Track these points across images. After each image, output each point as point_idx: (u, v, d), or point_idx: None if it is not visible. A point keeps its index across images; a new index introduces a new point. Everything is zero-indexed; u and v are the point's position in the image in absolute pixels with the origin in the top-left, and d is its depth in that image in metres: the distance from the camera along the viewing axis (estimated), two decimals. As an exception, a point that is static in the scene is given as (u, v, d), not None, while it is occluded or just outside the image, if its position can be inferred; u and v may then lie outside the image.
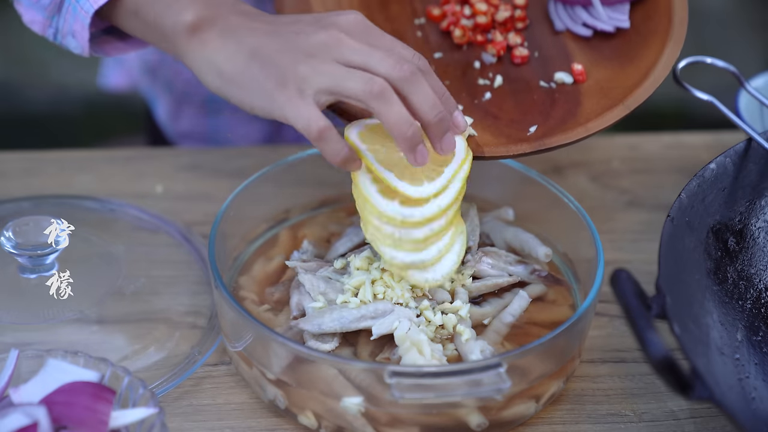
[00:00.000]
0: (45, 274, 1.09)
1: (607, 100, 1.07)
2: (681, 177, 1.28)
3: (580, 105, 1.08)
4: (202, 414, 1.03)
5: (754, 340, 1.02)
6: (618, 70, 1.10)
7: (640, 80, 1.08)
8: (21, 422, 0.88)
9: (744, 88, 1.13)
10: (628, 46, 1.12)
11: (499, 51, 1.13)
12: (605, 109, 1.07)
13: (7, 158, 1.31)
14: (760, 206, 1.07)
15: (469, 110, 1.09)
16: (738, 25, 2.90)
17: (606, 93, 1.08)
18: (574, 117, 1.07)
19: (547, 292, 1.07)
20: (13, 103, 2.67)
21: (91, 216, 1.18)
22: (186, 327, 1.08)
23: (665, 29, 1.11)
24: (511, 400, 0.98)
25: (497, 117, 1.08)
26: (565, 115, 1.07)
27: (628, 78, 1.09)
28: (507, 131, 1.07)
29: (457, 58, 1.14)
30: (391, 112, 0.94)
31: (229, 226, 1.08)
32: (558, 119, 1.07)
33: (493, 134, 1.07)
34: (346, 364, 0.96)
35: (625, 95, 1.07)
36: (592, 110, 1.07)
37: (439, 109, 0.96)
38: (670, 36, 1.10)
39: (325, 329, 1.00)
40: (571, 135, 1.05)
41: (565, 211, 1.09)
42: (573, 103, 1.08)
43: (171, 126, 1.45)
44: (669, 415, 1.03)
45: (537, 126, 1.07)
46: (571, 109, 1.08)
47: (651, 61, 1.09)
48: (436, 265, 0.99)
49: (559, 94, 1.09)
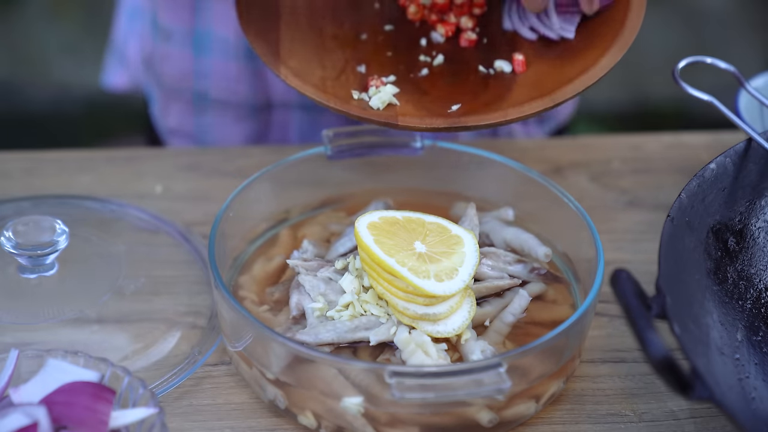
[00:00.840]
0: (45, 274, 1.09)
1: (537, 91, 1.09)
2: (681, 177, 1.28)
3: (510, 92, 1.09)
4: (202, 414, 1.03)
5: (754, 340, 1.02)
6: (558, 66, 1.12)
7: (573, 78, 1.09)
8: (21, 422, 0.88)
9: (744, 88, 1.13)
10: (575, 46, 1.13)
11: (448, 32, 1.16)
12: (531, 99, 1.08)
13: (7, 158, 1.31)
14: (760, 206, 1.07)
15: (401, 82, 1.11)
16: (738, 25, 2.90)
17: (539, 85, 1.10)
18: (498, 102, 1.09)
19: (547, 291, 1.07)
20: (13, 102, 2.68)
21: (91, 216, 1.18)
22: (186, 327, 1.08)
23: (614, 34, 1.12)
24: (511, 400, 0.98)
25: (426, 93, 1.11)
26: (491, 100, 1.09)
27: (564, 74, 1.10)
28: (429, 106, 1.09)
29: (407, 32, 1.17)
30: None
31: (229, 226, 1.08)
32: (483, 103, 1.09)
33: (415, 107, 1.09)
34: (346, 364, 0.96)
35: (554, 89, 1.08)
36: (518, 99, 1.09)
37: None
38: (616, 41, 1.11)
39: (322, 339, 0.99)
40: (487, 117, 1.07)
41: (565, 211, 1.09)
42: (504, 90, 1.10)
43: (161, 121, 1.45)
44: (669, 415, 1.03)
45: (460, 105, 1.09)
46: (499, 95, 1.09)
47: (591, 61, 1.10)
48: (446, 319, 0.99)
49: (494, 81, 1.11)
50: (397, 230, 1.03)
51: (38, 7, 2.77)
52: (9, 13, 2.74)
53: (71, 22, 2.78)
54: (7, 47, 2.76)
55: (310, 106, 1.38)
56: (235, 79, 1.37)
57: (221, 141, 1.41)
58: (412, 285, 0.98)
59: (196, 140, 1.43)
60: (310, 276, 1.04)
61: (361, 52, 1.15)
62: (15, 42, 2.75)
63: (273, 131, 1.41)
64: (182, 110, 1.42)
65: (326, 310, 1.01)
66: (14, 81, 2.72)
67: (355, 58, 1.14)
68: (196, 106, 1.40)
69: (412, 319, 0.99)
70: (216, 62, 1.36)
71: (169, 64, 1.38)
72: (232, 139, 1.41)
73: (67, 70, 2.70)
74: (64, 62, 2.69)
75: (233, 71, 1.36)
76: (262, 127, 1.40)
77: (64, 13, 2.79)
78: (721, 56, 1.13)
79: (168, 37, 1.37)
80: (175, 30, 1.36)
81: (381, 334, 0.99)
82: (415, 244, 1.01)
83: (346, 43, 1.16)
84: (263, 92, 1.38)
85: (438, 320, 0.99)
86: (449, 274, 1.00)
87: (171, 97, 1.41)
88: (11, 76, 2.73)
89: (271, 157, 1.20)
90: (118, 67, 1.52)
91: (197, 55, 1.37)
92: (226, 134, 1.41)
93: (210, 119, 1.41)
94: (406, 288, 0.99)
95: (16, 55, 2.76)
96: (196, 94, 1.39)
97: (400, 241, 1.01)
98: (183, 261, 1.15)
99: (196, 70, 1.38)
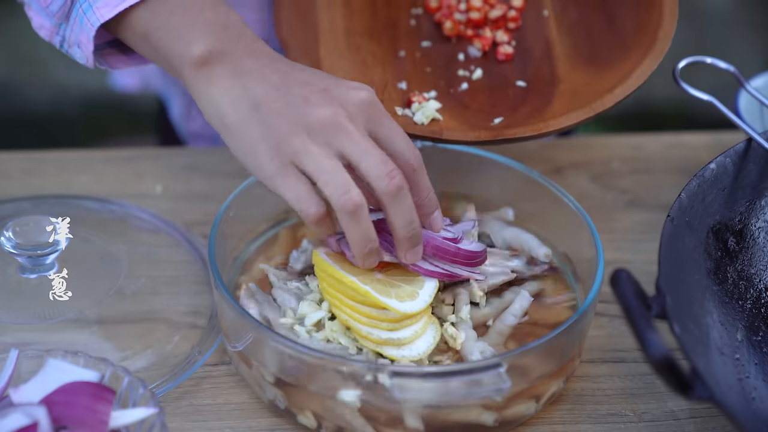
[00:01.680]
0: (45, 274, 1.09)
1: (577, 102, 1.10)
2: (681, 177, 1.28)
3: (550, 104, 1.11)
4: (202, 414, 1.03)
5: (754, 340, 1.02)
6: (595, 76, 1.13)
7: (611, 87, 1.11)
8: (21, 422, 0.88)
9: (744, 88, 1.13)
10: (610, 57, 1.14)
11: (485, 46, 1.17)
12: (571, 109, 1.09)
13: (7, 158, 1.31)
14: (760, 206, 1.07)
15: (442, 97, 1.13)
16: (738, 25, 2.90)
17: (578, 96, 1.11)
18: (539, 114, 1.10)
19: (547, 290, 1.07)
20: (13, 103, 2.68)
21: (91, 216, 1.18)
22: (186, 327, 1.08)
23: (648, 42, 1.13)
24: (511, 400, 0.98)
25: (467, 107, 1.12)
26: (532, 112, 1.10)
27: (602, 84, 1.12)
28: (472, 120, 1.10)
29: (444, 48, 1.18)
30: (356, 230, 0.95)
31: (229, 226, 1.08)
32: (524, 114, 1.10)
33: (458, 121, 1.10)
34: (346, 363, 0.96)
35: (594, 99, 1.10)
36: (558, 109, 1.10)
37: (413, 226, 0.97)
38: (651, 49, 1.12)
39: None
40: (530, 129, 1.08)
41: (565, 211, 1.09)
42: (544, 102, 1.11)
43: (183, 126, 1.45)
44: (669, 415, 1.03)
45: (503, 118, 1.10)
46: (539, 107, 1.11)
47: (628, 70, 1.12)
48: (411, 344, 0.99)
49: (533, 94, 1.13)
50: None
51: (38, 7, 2.77)
52: (9, 13, 2.74)
53: (71, 22, 2.78)
54: (6, 47, 2.76)
55: None
56: None
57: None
58: (376, 301, 0.98)
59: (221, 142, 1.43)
60: (283, 291, 1.04)
61: (401, 69, 1.16)
62: (14, 42, 2.75)
63: None
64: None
65: (293, 324, 1.01)
66: (13, 81, 2.72)
67: (396, 75, 1.15)
68: None
69: (377, 344, 0.98)
70: None
71: None
72: None
73: (66, 71, 2.70)
74: (63, 62, 2.69)
75: None
76: None
77: (63, 13, 2.79)
78: (721, 56, 1.13)
79: None
80: None
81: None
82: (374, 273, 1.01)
83: (385, 61, 1.17)
84: None
85: (402, 345, 0.99)
86: (411, 296, 0.99)
87: (194, 102, 1.41)
88: (10, 77, 2.73)
89: (271, 157, 1.20)
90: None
91: None
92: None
93: None
94: (369, 313, 0.98)
95: (15, 56, 2.76)
96: None
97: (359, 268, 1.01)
98: (183, 261, 1.15)
99: None
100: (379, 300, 0.98)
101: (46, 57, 2.72)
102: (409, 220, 0.97)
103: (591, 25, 1.18)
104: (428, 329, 1.00)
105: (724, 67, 1.12)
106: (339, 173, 0.94)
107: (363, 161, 0.95)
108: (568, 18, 1.19)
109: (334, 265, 1.00)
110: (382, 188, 0.95)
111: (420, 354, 0.98)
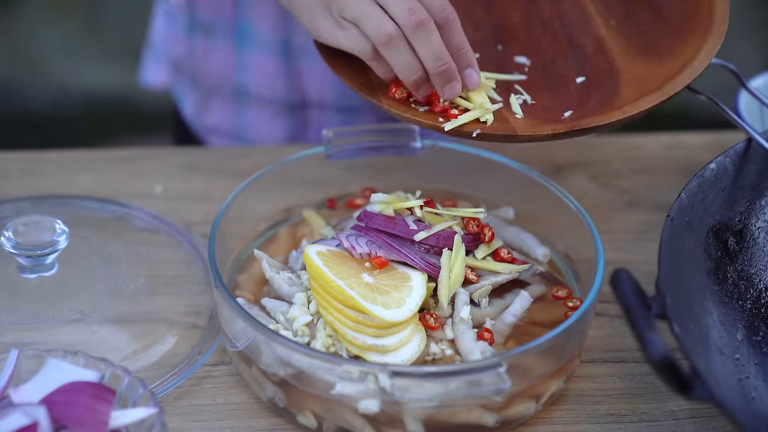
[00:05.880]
0: (45, 274, 1.09)
1: (646, 87, 1.10)
2: (681, 177, 1.28)
3: (618, 94, 1.11)
4: (202, 414, 1.03)
5: (754, 340, 1.02)
6: (656, 65, 1.13)
7: (677, 72, 1.11)
8: (21, 422, 0.88)
9: (744, 87, 1.13)
10: (666, 45, 1.15)
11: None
12: (643, 95, 1.09)
13: (7, 158, 1.31)
14: (760, 206, 1.07)
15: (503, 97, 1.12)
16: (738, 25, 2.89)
17: (645, 83, 1.11)
18: (610, 103, 1.09)
19: (546, 292, 1.07)
20: (13, 103, 2.68)
21: (91, 216, 1.18)
22: (186, 327, 1.08)
23: (705, 26, 1.14)
24: (511, 399, 0.98)
25: (532, 106, 1.11)
26: (601, 103, 1.10)
27: (667, 70, 1.12)
28: (543, 115, 1.09)
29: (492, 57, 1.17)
30: (426, 44, 1.03)
31: (229, 226, 1.08)
32: (593, 106, 1.10)
33: (527, 118, 1.09)
34: (345, 363, 0.96)
35: (663, 84, 1.10)
36: (629, 97, 1.10)
37: (442, 62, 1.04)
38: (710, 32, 1.13)
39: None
40: (606, 117, 1.08)
41: (565, 211, 1.09)
42: (610, 92, 1.11)
43: (198, 121, 1.46)
44: (669, 415, 1.03)
45: (572, 111, 1.09)
46: (607, 98, 1.10)
47: (689, 56, 1.12)
48: (395, 352, 0.99)
49: (595, 87, 1.12)
50: (346, 260, 1.03)
51: (38, 7, 2.77)
52: (9, 13, 2.74)
53: (71, 22, 2.78)
54: (7, 47, 2.76)
55: (345, 107, 1.38)
56: (272, 74, 1.37)
57: (260, 138, 1.42)
58: (360, 307, 0.98)
59: (235, 137, 1.44)
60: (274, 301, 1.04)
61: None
62: (15, 42, 2.75)
63: (310, 131, 1.41)
64: (221, 107, 1.42)
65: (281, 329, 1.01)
66: (14, 81, 2.72)
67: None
68: (237, 101, 1.41)
69: (361, 349, 0.98)
70: (255, 56, 1.37)
71: (211, 59, 1.39)
72: (270, 137, 1.41)
73: (66, 70, 2.70)
74: (64, 62, 2.69)
75: (270, 67, 1.37)
76: (300, 125, 1.41)
77: (64, 13, 2.79)
78: (722, 56, 1.13)
79: (209, 32, 1.38)
80: (217, 23, 1.37)
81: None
82: (363, 276, 1.01)
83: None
84: (299, 91, 1.38)
85: (387, 352, 0.98)
86: (397, 304, 0.99)
87: (211, 95, 1.42)
88: (11, 77, 2.73)
89: (270, 157, 1.20)
90: (155, 66, 1.52)
91: (239, 48, 1.38)
92: (265, 131, 1.41)
93: (249, 115, 1.41)
94: (356, 317, 0.98)
95: (15, 55, 2.76)
96: (238, 89, 1.40)
97: (349, 269, 1.01)
98: (183, 261, 1.15)
99: (238, 63, 1.38)
100: (363, 306, 0.98)
101: (46, 56, 2.72)
102: (437, 55, 1.04)
103: (638, 18, 1.18)
104: (414, 337, 1.00)
105: (724, 66, 1.12)
106: (371, 12, 1.03)
107: (390, 1, 1.03)
108: (613, 14, 1.19)
109: (322, 267, 1.00)
110: (402, 23, 1.03)
111: (404, 362, 0.98)
